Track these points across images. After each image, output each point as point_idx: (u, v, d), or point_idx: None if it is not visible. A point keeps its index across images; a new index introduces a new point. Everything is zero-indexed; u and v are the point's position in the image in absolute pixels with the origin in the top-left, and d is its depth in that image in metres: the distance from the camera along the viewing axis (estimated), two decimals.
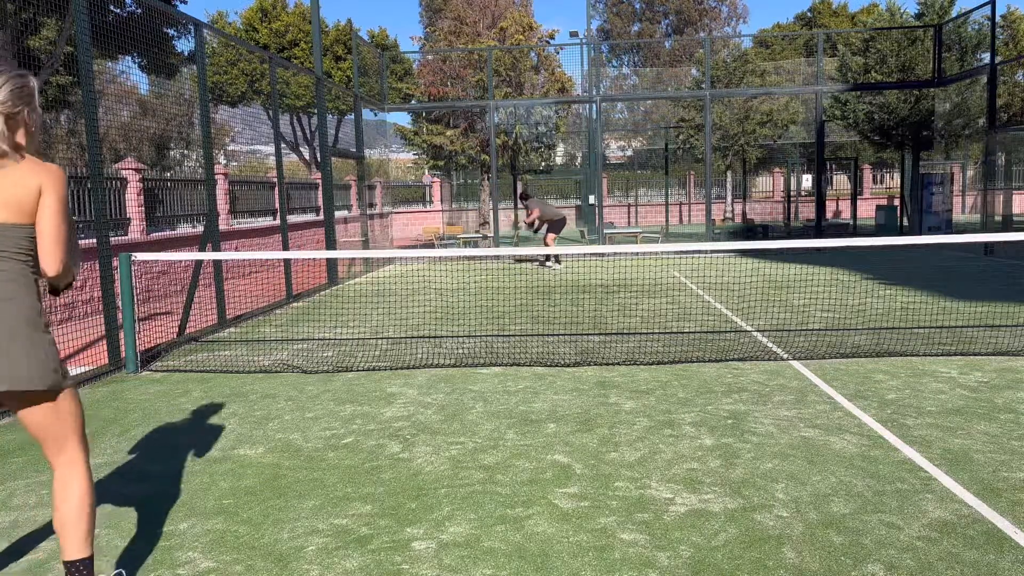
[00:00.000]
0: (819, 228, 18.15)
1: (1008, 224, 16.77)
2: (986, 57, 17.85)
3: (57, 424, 2.54)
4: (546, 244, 15.16)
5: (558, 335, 7.74)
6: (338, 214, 16.07)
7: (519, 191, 16.05)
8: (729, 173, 32.31)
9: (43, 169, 2.48)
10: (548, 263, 15.15)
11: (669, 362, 6.35)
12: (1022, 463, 3.88)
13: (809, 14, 46.69)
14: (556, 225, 15.11)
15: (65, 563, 2.53)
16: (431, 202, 31.40)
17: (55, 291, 2.65)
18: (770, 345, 6.88)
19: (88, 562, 2.55)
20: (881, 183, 37.50)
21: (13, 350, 2.38)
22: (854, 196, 23.23)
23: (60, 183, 2.50)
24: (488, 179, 22.40)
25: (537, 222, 15.24)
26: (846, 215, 28.09)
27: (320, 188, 16.85)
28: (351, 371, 6.39)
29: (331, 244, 13.16)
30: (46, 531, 3.42)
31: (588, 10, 21.91)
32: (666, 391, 5.46)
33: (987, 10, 16.62)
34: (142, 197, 11.71)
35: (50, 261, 2.47)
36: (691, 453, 4.17)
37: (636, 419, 4.81)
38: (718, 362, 6.32)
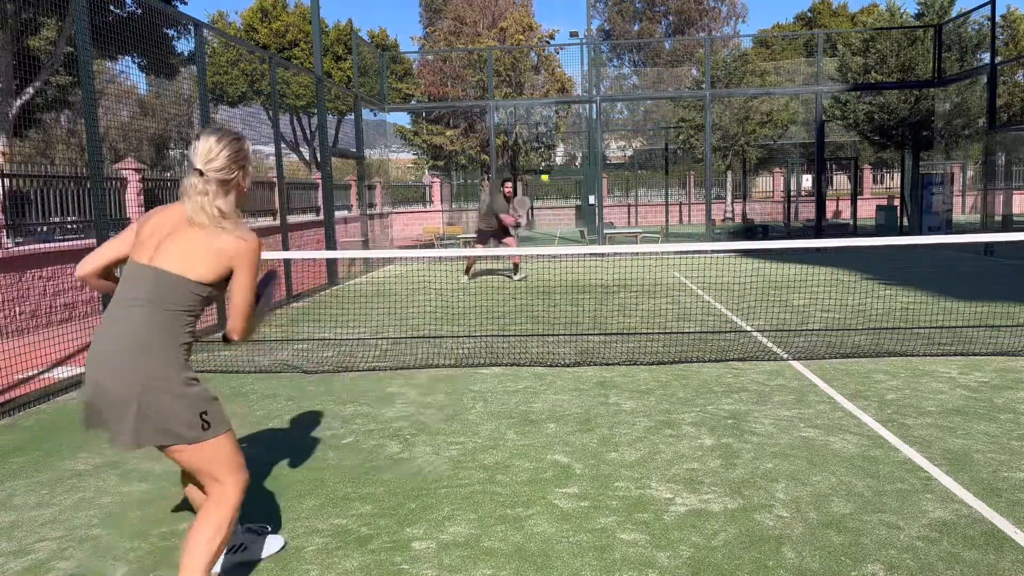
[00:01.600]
0: (819, 228, 18.15)
1: (1008, 224, 16.78)
2: (986, 57, 17.85)
3: (202, 468, 2.56)
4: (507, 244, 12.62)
5: (558, 335, 7.74)
6: (338, 214, 16.07)
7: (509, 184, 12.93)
8: (729, 173, 32.31)
9: (240, 240, 2.55)
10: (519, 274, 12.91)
11: (669, 362, 6.35)
12: (1022, 463, 3.88)
13: (809, 14, 46.70)
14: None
15: None
16: (431, 202, 31.40)
17: (227, 340, 2.74)
18: (770, 345, 6.88)
19: None
20: (881, 183, 37.49)
21: (134, 408, 2.40)
22: (854, 196, 23.23)
23: (255, 257, 2.58)
24: (488, 179, 22.40)
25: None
26: (846, 215, 28.09)
27: (320, 188, 16.85)
28: (351, 371, 6.39)
29: (331, 244, 13.16)
30: (46, 531, 3.42)
31: (588, 10, 21.92)
32: (666, 391, 5.46)
33: (987, 10, 16.61)
34: (142, 197, 11.71)
35: (237, 330, 2.64)
36: (691, 453, 4.16)
37: (636, 419, 4.81)
38: (718, 362, 6.32)
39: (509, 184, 12.75)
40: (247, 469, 2.66)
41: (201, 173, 2.55)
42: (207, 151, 2.55)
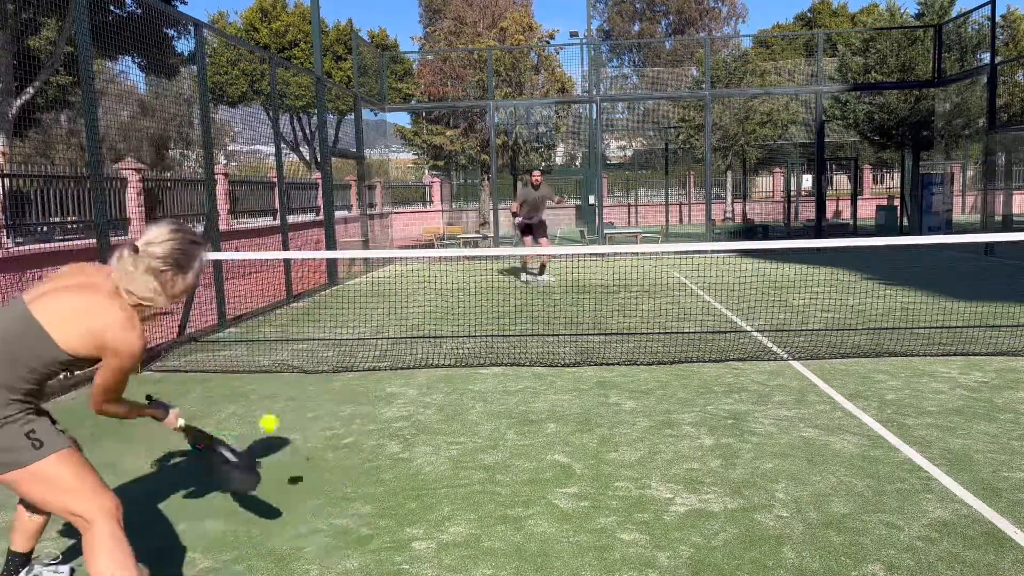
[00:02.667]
0: (819, 228, 18.15)
1: (1008, 224, 16.77)
2: (986, 57, 17.85)
3: (52, 502, 2.37)
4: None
5: (558, 335, 7.74)
6: (338, 214, 16.07)
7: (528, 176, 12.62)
8: (729, 173, 32.30)
9: (126, 329, 2.36)
10: (536, 275, 12.55)
11: (669, 362, 6.35)
12: (1022, 463, 3.88)
13: (809, 14, 46.68)
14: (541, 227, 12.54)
15: (11, 552, 2.77)
16: (431, 202, 31.40)
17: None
18: (770, 345, 6.88)
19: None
20: (881, 183, 37.49)
21: None
22: (854, 196, 23.23)
23: (128, 356, 2.39)
24: (488, 179, 22.41)
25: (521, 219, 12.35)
26: (846, 215, 28.07)
27: (320, 188, 16.84)
28: (351, 371, 6.39)
29: (331, 244, 13.16)
30: (45, 530, 3.41)
31: (588, 10, 21.94)
32: (666, 391, 5.46)
33: (987, 10, 16.61)
34: (142, 197, 11.71)
35: (95, 402, 2.54)
36: (691, 453, 4.16)
37: (636, 419, 4.81)
38: (718, 362, 6.32)
39: (537, 173, 12.28)
40: (110, 493, 2.45)
41: (136, 249, 2.39)
42: (156, 234, 2.42)
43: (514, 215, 12.37)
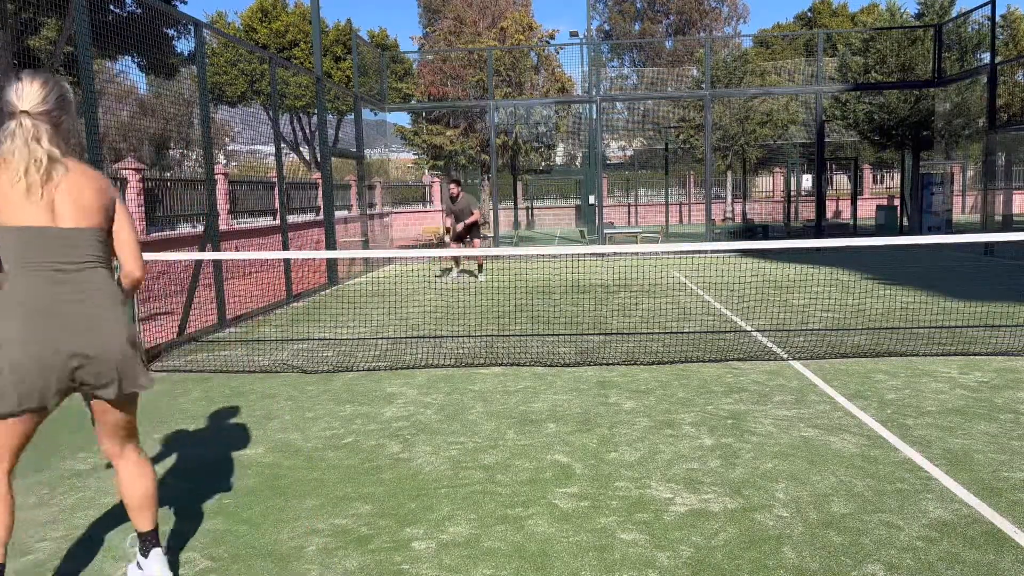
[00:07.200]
0: (819, 228, 18.15)
1: (1008, 224, 16.78)
2: (986, 57, 17.85)
3: (131, 421, 2.74)
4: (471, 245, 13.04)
5: (558, 335, 7.74)
6: (338, 214, 16.07)
7: (452, 179, 13.23)
8: (729, 173, 32.30)
9: (99, 174, 2.62)
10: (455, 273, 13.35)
11: (669, 362, 6.35)
12: (1022, 463, 3.88)
13: (809, 14, 46.67)
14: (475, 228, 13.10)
15: (140, 533, 2.82)
16: (431, 202, 31.40)
17: (132, 289, 2.81)
18: (770, 345, 6.88)
19: (155, 532, 2.84)
20: (881, 183, 37.47)
21: (133, 356, 2.57)
22: (854, 196, 23.23)
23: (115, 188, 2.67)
24: (488, 179, 22.41)
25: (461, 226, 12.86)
26: (846, 215, 28.08)
27: (320, 188, 16.84)
28: (351, 371, 6.39)
29: (331, 244, 13.16)
30: (46, 531, 3.42)
31: (588, 10, 21.93)
32: (666, 391, 5.46)
33: (987, 10, 16.62)
34: (142, 197, 11.71)
35: (137, 265, 2.67)
36: (691, 453, 4.16)
37: (636, 419, 4.81)
38: (718, 362, 6.32)
39: (454, 185, 13.19)
40: None
41: (28, 115, 2.43)
42: (33, 93, 2.45)
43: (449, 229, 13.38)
